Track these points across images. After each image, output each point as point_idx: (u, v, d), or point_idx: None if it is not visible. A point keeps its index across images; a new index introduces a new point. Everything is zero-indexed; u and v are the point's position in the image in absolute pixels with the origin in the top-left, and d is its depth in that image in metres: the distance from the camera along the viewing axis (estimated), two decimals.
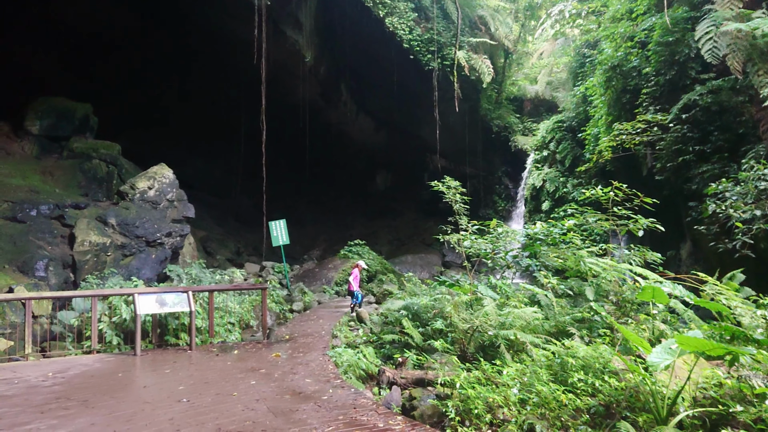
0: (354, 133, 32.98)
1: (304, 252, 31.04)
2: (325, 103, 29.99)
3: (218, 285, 15.17)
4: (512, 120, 30.89)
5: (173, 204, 19.34)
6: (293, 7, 23.71)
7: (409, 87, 27.67)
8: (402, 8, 25.51)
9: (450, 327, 9.83)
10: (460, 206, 12.25)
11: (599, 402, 5.72)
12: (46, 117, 21.68)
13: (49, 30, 22.62)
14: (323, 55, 27.23)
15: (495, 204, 31.43)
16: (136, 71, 26.19)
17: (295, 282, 22.04)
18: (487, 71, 26.30)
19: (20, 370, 9.10)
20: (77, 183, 20.36)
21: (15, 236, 15.52)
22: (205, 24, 24.15)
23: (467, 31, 27.67)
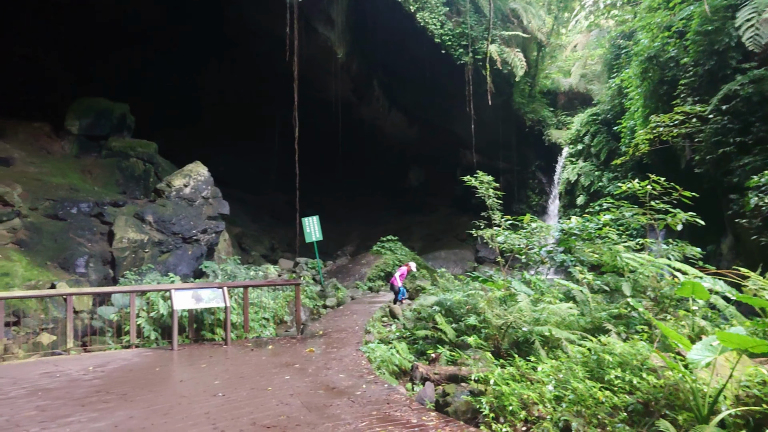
0: (386, 129, 32.98)
1: (337, 248, 31.18)
2: (358, 99, 30.04)
3: (253, 281, 15.35)
4: (546, 113, 30.49)
5: (208, 201, 19.62)
6: (325, 3, 23.80)
7: (441, 82, 27.53)
8: (433, 3, 25.37)
9: (483, 323, 9.77)
10: (494, 201, 12.15)
11: (637, 400, 5.60)
12: (85, 117, 22.22)
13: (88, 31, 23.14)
14: (355, 51, 27.27)
15: (528, 199, 31.09)
16: (170, 70, 26.60)
17: (329, 278, 22.16)
18: (519, 65, 25.99)
19: (62, 364, 9.36)
20: (115, 181, 20.82)
21: (56, 234, 15.94)
22: (239, 22, 24.40)
23: (499, 24, 27.38)
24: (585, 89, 31.15)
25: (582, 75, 32.15)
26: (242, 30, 24.88)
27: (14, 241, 15.04)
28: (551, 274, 16.88)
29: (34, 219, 16.00)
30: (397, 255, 23.83)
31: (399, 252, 24.29)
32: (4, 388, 7.71)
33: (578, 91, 31.48)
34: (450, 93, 27.79)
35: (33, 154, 20.40)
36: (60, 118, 22.08)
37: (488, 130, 28.87)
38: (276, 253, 28.93)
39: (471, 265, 28.40)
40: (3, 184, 16.29)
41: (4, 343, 10.39)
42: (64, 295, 11.62)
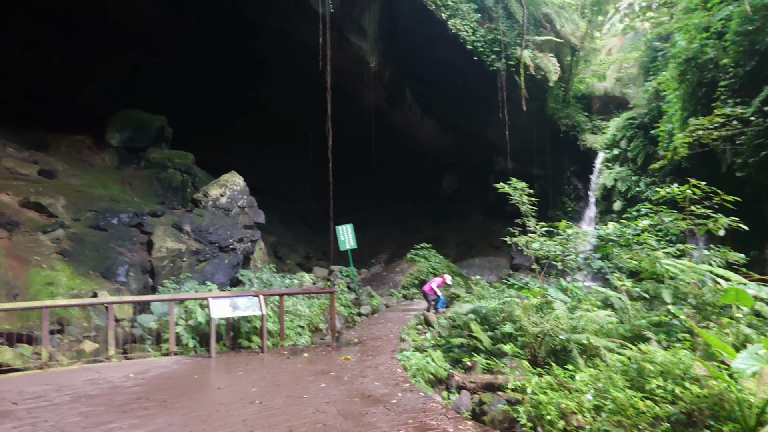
0: (419, 137, 32.99)
1: (371, 255, 31.25)
2: (390, 107, 30.14)
3: (288, 289, 15.49)
4: (580, 118, 30.10)
5: (244, 210, 19.89)
6: (357, 13, 23.99)
7: (474, 88, 27.45)
8: (465, 9, 25.34)
9: (519, 331, 9.68)
10: (528, 208, 12.03)
11: (680, 410, 5.47)
12: (124, 129, 22.86)
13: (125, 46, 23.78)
14: (387, 59, 27.40)
15: (564, 205, 30.69)
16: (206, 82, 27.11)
17: (363, 285, 22.22)
18: (553, 70, 25.78)
19: (104, 371, 9.58)
20: (154, 192, 21.30)
21: (98, 243, 16.35)
22: (272, 33, 24.74)
23: (532, 29, 27.20)
24: (620, 93, 30.68)
25: (617, 79, 31.67)
26: (276, 42, 25.21)
27: (58, 252, 15.47)
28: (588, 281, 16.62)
29: (76, 230, 16.45)
30: (431, 262, 23.76)
31: (433, 259, 24.21)
32: (49, 394, 7.93)
33: (613, 95, 31.01)
34: (482, 99, 27.67)
35: (75, 166, 21.02)
36: (101, 131, 22.72)
37: (522, 136, 28.65)
38: (311, 261, 29.14)
39: (506, 272, 28.12)
40: (47, 196, 16.81)
41: (49, 351, 10.67)
42: (105, 304, 11.92)
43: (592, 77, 33.22)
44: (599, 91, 31.65)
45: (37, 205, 16.32)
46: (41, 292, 13.89)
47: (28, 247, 15.03)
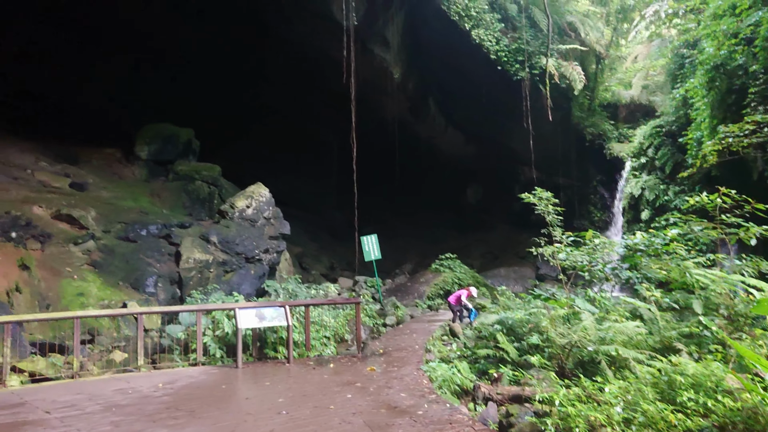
0: (443, 147, 32.99)
1: (395, 266, 31.24)
2: (414, 117, 30.21)
3: (313, 299, 15.56)
4: (606, 127, 29.83)
5: (270, 221, 20.08)
6: (380, 25, 24.15)
7: (498, 98, 27.38)
8: (488, 20, 25.35)
9: (546, 342, 9.58)
10: (553, 218, 11.93)
11: (712, 423, 5.36)
12: (153, 142, 23.34)
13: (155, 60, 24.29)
14: (411, 70, 27.50)
15: (590, 214, 30.37)
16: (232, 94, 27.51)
17: (388, 296, 22.22)
18: (578, 78, 25.62)
19: (133, 381, 9.72)
20: (182, 204, 21.62)
21: (127, 255, 16.65)
22: (297, 45, 25.04)
23: (556, 38, 27.08)
24: (647, 101, 30.35)
25: (644, 86, 31.35)
26: (301, 54, 25.50)
27: (89, 263, 15.79)
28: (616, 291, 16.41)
29: (107, 241, 16.77)
30: (456, 273, 23.69)
31: (458, 270, 24.13)
32: (81, 403, 8.06)
33: (640, 103, 30.69)
34: (507, 109, 27.60)
35: (106, 179, 21.46)
36: (130, 145, 23.21)
37: (546, 145, 28.46)
38: (335, 271, 29.24)
39: (532, 282, 27.89)
40: (79, 209, 17.18)
41: (80, 361, 10.87)
42: (135, 314, 12.11)
43: (618, 85, 32.92)
44: (625, 99, 31.35)
45: (69, 217, 16.69)
46: (73, 302, 14.18)
47: (60, 258, 15.37)
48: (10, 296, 13.09)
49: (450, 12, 24.20)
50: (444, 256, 25.55)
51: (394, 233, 34.21)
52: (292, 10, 22.61)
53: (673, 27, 26.53)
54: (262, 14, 22.83)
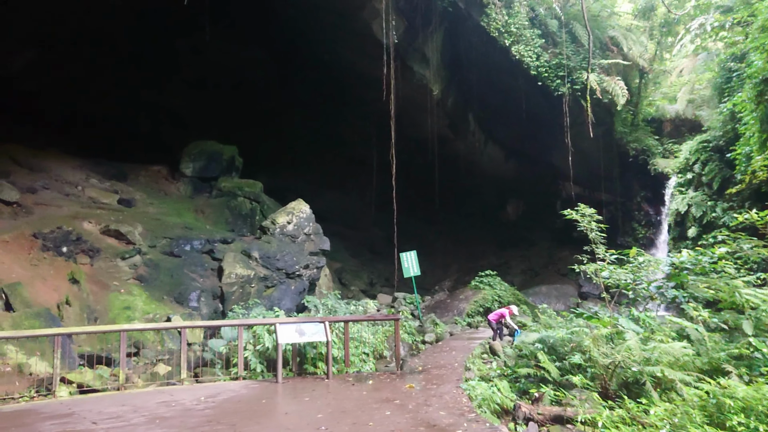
0: (483, 163, 32.83)
1: (434, 282, 31.12)
2: (453, 134, 30.19)
3: (353, 315, 15.62)
4: (650, 142, 29.24)
5: (310, 237, 20.30)
6: (420, 43, 24.32)
7: (538, 114, 27.19)
8: (528, 35, 25.24)
9: (589, 362, 9.40)
10: (597, 235, 11.75)
11: None
12: (198, 160, 23.98)
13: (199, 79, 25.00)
14: (450, 87, 27.56)
15: (634, 231, 29.72)
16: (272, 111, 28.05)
17: (427, 313, 22.12)
18: (620, 93, 25.22)
19: (177, 394, 9.90)
20: (225, 219, 22.06)
21: (172, 269, 17.05)
22: (336, 62, 25.43)
23: (598, 53, 26.79)
24: (693, 115, 29.66)
25: (689, 101, 30.66)
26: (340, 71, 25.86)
27: (135, 277, 16.23)
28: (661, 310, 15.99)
29: (152, 256, 17.22)
30: (496, 290, 23.43)
31: (498, 287, 23.87)
32: (126, 415, 8.26)
33: (686, 118, 30.01)
34: (547, 125, 27.36)
35: (152, 195, 22.08)
36: (176, 162, 23.87)
37: (589, 161, 28.09)
38: (374, 287, 29.28)
39: (574, 300, 27.43)
40: (126, 224, 17.71)
41: (126, 373, 11.13)
42: (179, 328, 12.36)
43: (662, 100, 32.29)
44: (670, 113, 30.71)
45: (116, 232, 17.22)
46: (119, 315, 14.57)
47: (108, 272, 15.84)
48: (61, 309, 13.55)
49: (489, 28, 24.20)
50: (484, 273, 25.33)
51: (434, 250, 34.11)
52: (333, 29, 23.02)
53: (719, 40, 25.96)
54: (305, 35, 23.28)
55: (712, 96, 27.78)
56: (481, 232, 36.53)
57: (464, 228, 37.00)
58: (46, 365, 11.17)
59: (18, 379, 10.76)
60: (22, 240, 15.06)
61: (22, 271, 13.91)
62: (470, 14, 24.26)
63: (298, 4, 21.91)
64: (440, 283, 31.39)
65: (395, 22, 20.95)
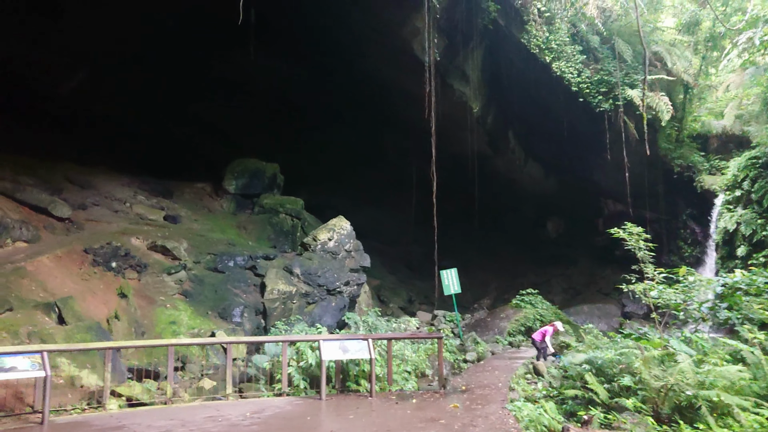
0: (523, 180, 32.57)
1: (473, 300, 30.86)
2: (493, 151, 30.06)
3: (396, 333, 15.62)
4: (696, 159, 28.57)
5: (351, 254, 20.39)
6: (460, 60, 24.37)
7: (579, 130, 26.89)
8: (569, 52, 25.08)
9: (639, 384, 9.17)
10: (645, 254, 11.51)
11: None
12: (241, 177, 24.48)
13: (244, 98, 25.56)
14: (490, 104, 27.50)
15: (680, 250, 29.00)
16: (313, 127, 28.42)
17: (467, 331, 21.95)
18: (665, 109, 24.79)
19: (222, 409, 10.01)
20: (267, 236, 22.38)
21: (216, 285, 17.34)
22: (376, 79, 25.66)
23: (641, 68, 26.37)
24: (741, 131, 28.91)
25: (737, 116, 29.91)
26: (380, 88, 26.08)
27: (180, 292, 16.56)
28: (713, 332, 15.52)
29: (197, 272, 17.55)
30: (537, 309, 23.12)
31: (539, 306, 23.55)
32: (174, 429, 8.40)
33: (733, 134, 29.27)
34: (589, 141, 27.03)
35: (197, 212, 22.56)
36: (219, 179, 24.39)
37: (631, 178, 27.55)
38: (413, 305, 29.19)
39: (618, 320, 26.84)
40: (172, 240, 18.10)
41: (173, 387, 11.31)
42: (224, 344, 12.54)
43: (708, 115, 31.58)
44: (717, 129, 29.99)
45: (163, 248, 17.61)
46: (165, 330, 14.85)
47: (154, 287, 16.20)
48: (110, 323, 13.89)
49: (530, 45, 24.15)
50: (525, 291, 25.03)
51: (473, 267, 33.88)
52: (373, 47, 23.28)
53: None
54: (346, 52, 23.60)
55: (761, 111, 27.12)
56: (520, 250, 36.13)
57: (503, 245, 36.66)
58: (97, 378, 11.43)
59: (70, 392, 11.03)
60: (74, 255, 15.52)
61: (73, 285, 14.32)
62: (510, 32, 24.26)
63: (341, 21, 22.25)
64: (479, 301, 31.11)
65: (436, 40, 21.06)
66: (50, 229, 17.09)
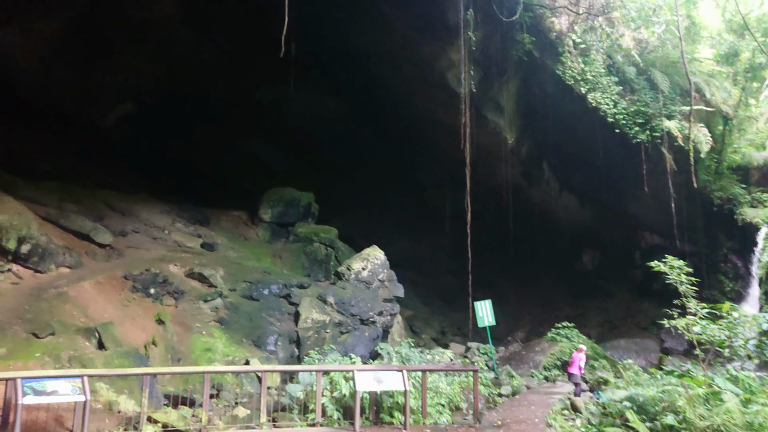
0: (558, 211, 32.24)
1: (507, 332, 30.40)
2: (528, 182, 29.91)
3: (430, 365, 15.45)
4: (737, 191, 27.94)
5: (384, 284, 20.38)
6: (494, 92, 24.48)
7: (615, 161, 26.60)
8: (605, 83, 24.98)
9: (683, 423, 8.90)
10: (687, 288, 11.25)
11: None
12: (276, 206, 24.84)
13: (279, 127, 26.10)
14: (524, 135, 27.47)
15: (721, 284, 28.20)
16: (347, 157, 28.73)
17: (501, 364, 21.59)
18: (703, 140, 24.41)
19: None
20: (301, 264, 22.55)
21: (251, 313, 17.47)
22: (411, 110, 25.94)
23: (678, 99, 26.13)
24: None
25: None
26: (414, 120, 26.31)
27: (216, 319, 16.70)
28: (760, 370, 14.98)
29: (233, 299, 17.72)
30: (573, 343, 22.61)
31: (576, 339, 23.06)
32: None
33: None
34: (625, 172, 26.71)
35: (233, 240, 22.89)
36: (255, 208, 24.79)
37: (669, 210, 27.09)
38: (446, 336, 28.89)
39: (656, 356, 26.11)
40: (209, 268, 18.38)
41: (208, 415, 11.35)
42: (259, 372, 12.58)
43: (749, 147, 30.96)
44: (758, 161, 29.35)
45: (200, 275, 17.88)
46: (201, 357, 14.98)
47: (191, 314, 16.40)
48: (147, 349, 14.06)
49: (565, 77, 24.15)
50: (560, 324, 24.57)
51: (506, 299, 33.41)
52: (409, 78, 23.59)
53: None
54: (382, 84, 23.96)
55: None
56: (555, 282, 35.56)
57: (538, 277, 36.12)
58: (134, 404, 11.55)
59: (107, 416, 11.15)
60: (115, 281, 15.85)
61: (113, 311, 14.59)
62: (545, 63, 24.31)
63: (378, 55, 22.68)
64: (513, 333, 30.64)
65: (472, 72, 21.23)
66: (92, 255, 17.52)
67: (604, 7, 25.24)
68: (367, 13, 20.57)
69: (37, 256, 15.49)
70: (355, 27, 21.69)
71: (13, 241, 14.96)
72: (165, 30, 20.46)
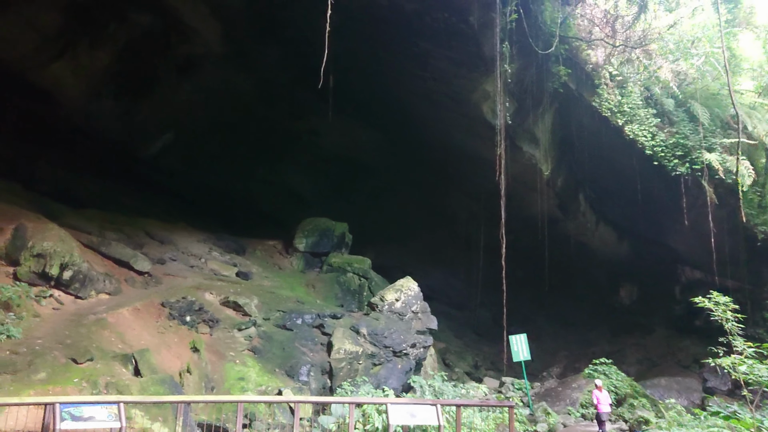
0: (594, 244, 31.72)
1: (542, 368, 29.73)
2: (563, 214, 29.57)
3: (464, 400, 15.22)
4: None
5: (417, 316, 20.23)
6: (530, 123, 24.42)
7: (654, 194, 26.14)
8: (642, 115, 24.68)
9: None
10: (733, 325, 10.87)
11: None
12: (310, 236, 25.04)
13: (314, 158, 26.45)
14: (560, 167, 27.25)
15: (766, 322, 27.21)
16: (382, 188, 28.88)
17: (536, 401, 21.09)
18: (746, 174, 23.85)
19: None
20: (334, 294, 22.58)
21: (284, 342, 17.48)
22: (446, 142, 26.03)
23: (719, 132, 25.66)
24: None
25: None
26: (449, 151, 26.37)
27: (249, 348, 16.76)
28: None
29: (266, 328, 17.79)
30: (611, 380, 21.94)
31: (614, 377, 22.36)
32: None
33: None
34: (664, 206, 26.22)
35: (267, 269, 23.09)
36: (290, 237, 25.03)
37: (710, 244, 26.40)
38: (479, 370, 28.40)
39: (699, 395, 25.18)
40: (244, 296, 18.53)
41: None
42: (291, 402, 12.53)
43: None
44: None
45: (235, 304, 18.05)
46: (234, 386, 15.00)
47: (225, 342, 16.50)
48: (182, 376, 14.16)
49: (601, 109, 23.97)
50: (598, 361, 23.88)
51: (541, 333, 32.81)
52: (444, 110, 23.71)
53: None
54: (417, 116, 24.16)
55: None
56: (592, 317, 34.77)
57: (574, 312, 35.39)
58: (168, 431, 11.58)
59: None
60: (152, 308, 16.07)
61: (150, 338, 14.76)
62: (581, 95, 24.20)
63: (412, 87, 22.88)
64: (548, 369, 29.94)
65: (507, 104, 21.24)
66: (131, 282, 17.84)
67: (642, 39, 25.07)
68: (403, 47, 20.84)
69: (78, 282, 15.84)
70: (391, 60, 21.98)
71: (56, 267, 15.35)
72: (208, 65, 21.14)
